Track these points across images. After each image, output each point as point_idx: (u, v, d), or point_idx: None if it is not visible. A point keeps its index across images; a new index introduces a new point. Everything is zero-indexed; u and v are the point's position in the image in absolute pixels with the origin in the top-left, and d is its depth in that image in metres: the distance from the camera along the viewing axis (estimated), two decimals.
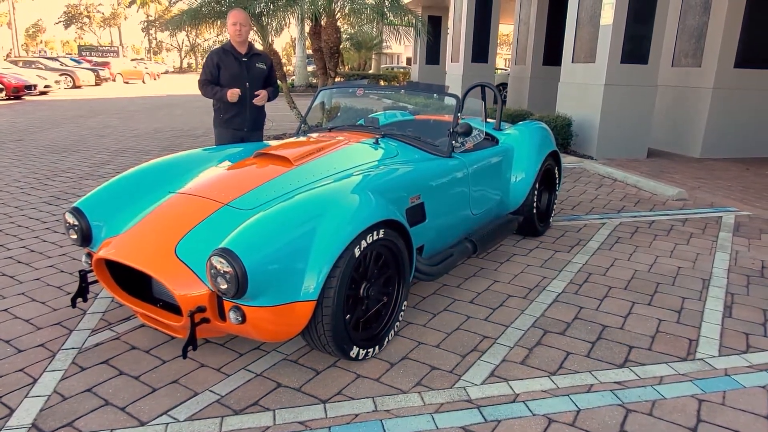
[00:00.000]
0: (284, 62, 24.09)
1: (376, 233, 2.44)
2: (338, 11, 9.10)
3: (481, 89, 4.56)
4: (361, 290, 2.50)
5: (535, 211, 4.24)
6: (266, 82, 4.52)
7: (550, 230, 4.66)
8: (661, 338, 2.86)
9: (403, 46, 30.02)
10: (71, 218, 2.64)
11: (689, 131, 8.60)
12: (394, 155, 3.23)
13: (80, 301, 2.97)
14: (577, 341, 2.81)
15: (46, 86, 19.33)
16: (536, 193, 4.21)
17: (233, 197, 2.58)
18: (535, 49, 13.20)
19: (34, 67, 22.70)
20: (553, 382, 2.44)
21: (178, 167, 3.07)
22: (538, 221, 4.36)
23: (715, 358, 2.68)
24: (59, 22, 68.29)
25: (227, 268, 2.02)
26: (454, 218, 3.34)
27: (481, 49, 13.12)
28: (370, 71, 30.28)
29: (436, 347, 2.72)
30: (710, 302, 3.32)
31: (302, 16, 9.04)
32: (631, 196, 6.02)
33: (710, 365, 2.61)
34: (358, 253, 2.34)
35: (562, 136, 8.09)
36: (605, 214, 5.25)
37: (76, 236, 2.66)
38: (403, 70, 33.48)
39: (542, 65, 13.24)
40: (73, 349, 2.63)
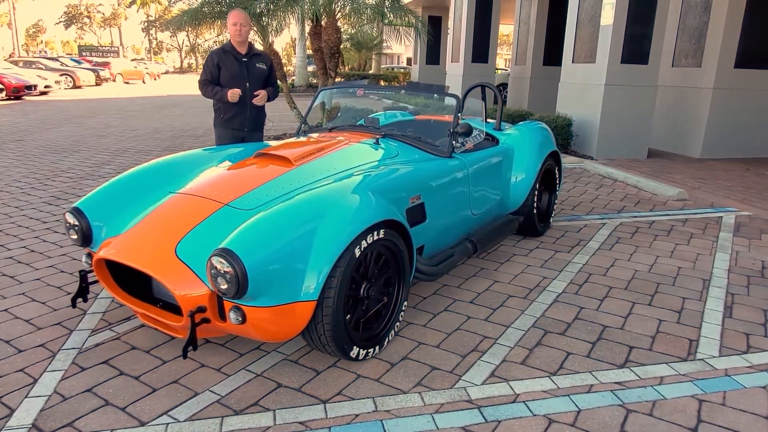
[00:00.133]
0: (284, 62, 24.12)
1: (376, 233, 2.44)
2: (339, 11, 9.10)
3: (481, 89, 4.56)
4: (361, 290, 2.50)
5: (535, 211, 4.23)
6: (266, 82, 4.52)
7: (550, 230, 4.66)
8: (661, 338, 2.86)
9: (403, 46, 30.04)
10: (71, 218, 2.65)
11: (689, 131, 8.60)
12: (394, 155, 3.23)
13: (80, 301, 2.98)
14: (577, 341, 2.81)
15: (46, 86, 19.33)
16: (536, 193, 4.21)
17: (233, 197, 2.58)
18: (535, 49, 13.20)
19: (34, 67, 22.69)
20: (553, 382, 2.44)
21: (178, 167, 3.08)
22: (538, 221, 4.36)
23: (715, 358, 2.68)
24: (59, 22, 68.38)
25: (227, 268, 2.02)
26: (454, 218, 3.34)
27: (481, 49, 13.13)
28: (370, 71, 30.28)
29: (436, 347, 2.72)
30: (710, 302, 3.32)
31: (302, 16, 9.04)
32: (631, 196, 6.02)
33: (711, 365, 2.61)
34: (358, 253, 2.34)
35: (562, 136, 8.09)
36: (605, 214, 5.25)
37: (76, 236, 2.66)
38: (403, 70, 33.50)
39: (542, 65, 13.25)
40: (73, 349, 2.63)
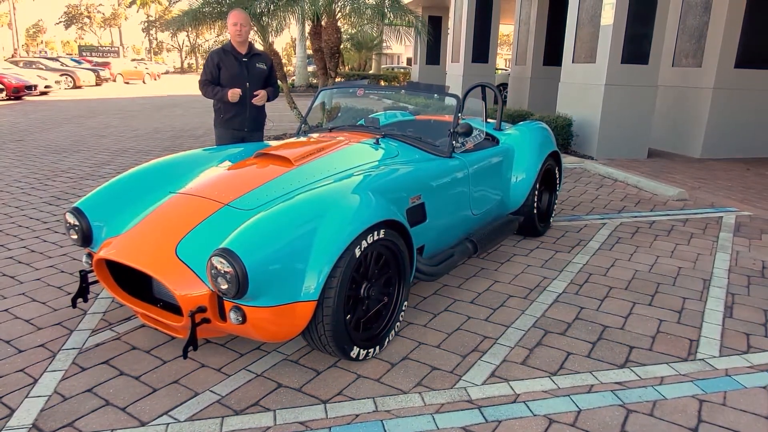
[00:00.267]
0: (284, 62, 24.12)
1: (376, 233, 2.44)
2: (339, 11, 9.10)
3: (481, 89, 4.55)
4: (361, 290, 2.50)
5: (535, 211, 4.23)
6: (266, 82, 4.52)
7: (550, 230, 4.66)
8: (661, 338, 2.86)
9: (403, 46, 30.03)
10: (72, 218, 2.65)
11: (690, 131, 8.60)
12: (394, 155, 3.23)
13: (81, 301, 2.98)
14: (577, 341, 2.81)
15: (46, 86, 19.33)
16: (537, 193, 4.21)
17: (234, 197, 2.58)
18: (535, 49, 13.20)
19: (34, 67, 22.69)
20: (553, 382, 2.44)
21: (178, 167, 3.08)
22: (538, 221, 4.36)
23: (715, 358, 2.68)
24: (60, 22, 68.41)
25: (228, 268, 2.02)
26: (454, 218, 3.34)
27: (481, 49, 13.13)
28: (370, 71, 30.29)
29: (436, 347, 2.72)
30: (711, 302, 3.32)
31: (303, 16, 9.05)
32: (631, 196, 6.02)
33: (711, 365, 2.61)
34: (358, 253, 2.34)
35: (562, 136, 8.09)
36: (606, 214, 5.25)
37: (76, 236, 2.66)
38: (403, 70, 33.50)
39: (542, 65, 13.25)
40: (73, 349, 2.63)
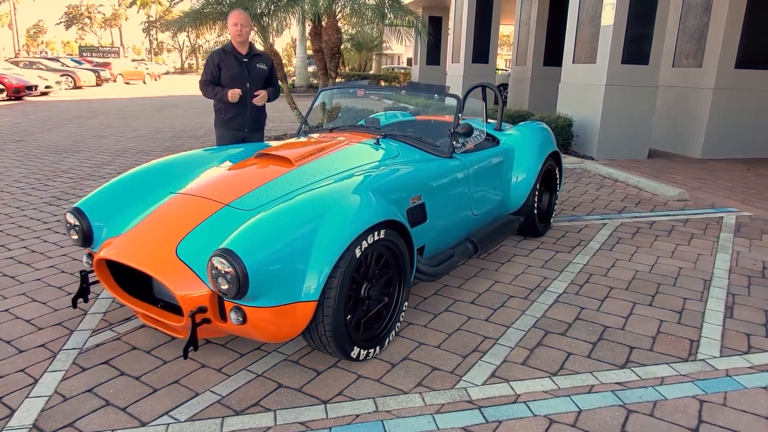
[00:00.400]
0: (285, 63, 24.11)
1: (377, 234, 2.44)
2: (339, 12, 9.11)
3: (482, 90, 4.55)
4: (362, 291, 2.50)
5: (536, 211, 4.23)
6: (267, 82, 4.52)
7: (550, 231, 4.65)
8: (662, 339, 2.86)
9: (403, 46, 30.06)
10: (72, 218, 2.65)
11: (690, 132, 8.59)
12: (394, 156, 3.23)
13: (81, 301, 2.98)
14: (578, 342, 2.81)
15: (47, 87, 19.34)
16: (537, 193, 4.21)
17: (234, 198, 2.58)
18: (535, 49, 13.21)
19: (35, 67, 22.71)
20: (554, 382, 2.44)
21: (179, 168, 3.08)
22: (539, 222, 4.35)
23: (716, 358, 2.68)
24: (60, 22, 68.47)
25: (228, 268, 2.02)
26: (455, 219, 3.34)
27: (481, 49, 13.13)
28: (370, 72, 30.30)
29: (437, 348, 2.72)
30: (711, 303, 3.32)
31: (303, 16, 9.06)
32: (632, 196, 6.02)
33: (711, 366, 2.61)
34: (359, 253, 2.34)
35: (562, 136, 8.09)
36: (606, 214, 5.25)
37: (77, 237, 2.66)
38: (403, 70, 33.51)
39: (543, 66, 13.25)
40: (74, 349, 2.63)
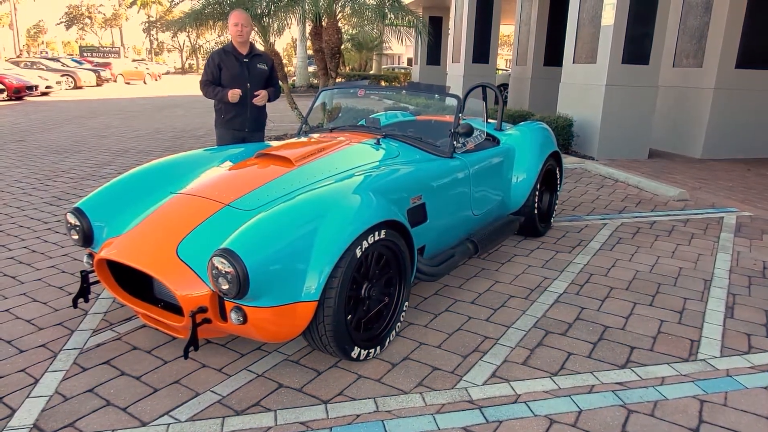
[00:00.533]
0: (285, 63, 24.12)
1: (377, 234, 2.44)
2: (339, 12, 9.11)
3: (482, 90, 4.55)
4: (362, 291, 2.50)
5: (536, 211, 4.23)
6: (267, 82, 4.52)
7: (551, 231, 4.65)
8: (662, 339, 2.86)
9: (404, 46, 30.03)
10: (73, 219, 2.65)
11: (690, 132, 8.59)
12: (395, 156, 3.23)
13: (81, 301, 2.97)
14: (578, 342, 2.81)
15: (47, 87, 19.35)
16: (537, 193, 4.21)
17: (234, 198, 2.58)
18: (536, 49, 13.20)
19: (35, 67, 22.71)
20: (554, 382, 2.44)
21: (179, 168, 3.08)
22: (539, 222, 4.35)
23: (716, 358, 2.68)
24: (61, 22, 68.50)
25: (228, 268, 2.02)
26: (455, 219, 3.34)
27: (482, 49, 13.13)
28: (371, 72, 30.31)
29: (437, 348, 2.72)
30: (712, 303, 3.32)
31: (303, 16, 9.07)
32: (632, 196, 6.02)
33: (712, 366, 2.61)
34: (359, 253, 2.34)
35: (563, 136, 8.08)
36: (606, 214, 5.25)
37: (77, 237, 2.66)
38: (404, 70, 33.52)
39: (543, 66, 13.25)
40: (74, 349, 2.63)
